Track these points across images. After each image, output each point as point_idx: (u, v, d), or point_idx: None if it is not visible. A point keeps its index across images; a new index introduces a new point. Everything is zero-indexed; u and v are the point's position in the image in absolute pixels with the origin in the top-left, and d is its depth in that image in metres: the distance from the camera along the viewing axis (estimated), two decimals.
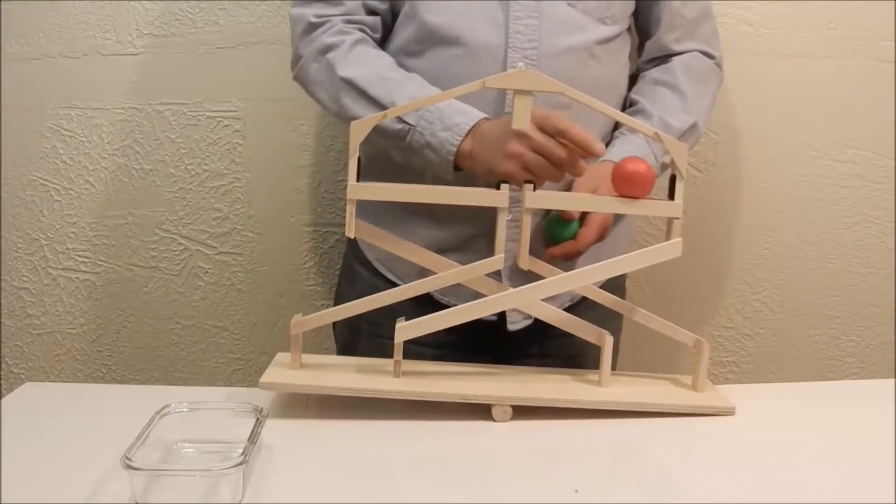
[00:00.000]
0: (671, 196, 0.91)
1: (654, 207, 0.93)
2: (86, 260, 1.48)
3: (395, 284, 1.12)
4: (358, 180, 0.89)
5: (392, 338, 0.92)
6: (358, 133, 0.88)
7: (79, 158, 1.45)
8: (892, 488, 0.74)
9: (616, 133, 1.14)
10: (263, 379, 0.89)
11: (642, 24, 1.20)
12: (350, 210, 0.90)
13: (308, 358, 0.96)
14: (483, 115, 1.00)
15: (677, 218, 0.91)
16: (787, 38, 1.38)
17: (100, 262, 1.48)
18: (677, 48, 1.16)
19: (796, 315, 1.47)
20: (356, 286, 1.20)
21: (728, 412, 0.92)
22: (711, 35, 1.19)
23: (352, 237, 0.91)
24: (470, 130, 0.98)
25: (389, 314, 0.96)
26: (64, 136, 1.44)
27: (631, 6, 1.14)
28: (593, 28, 1.08)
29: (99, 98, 1.43)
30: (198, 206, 1.45)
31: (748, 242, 1.45)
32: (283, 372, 0.93)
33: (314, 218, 1.46)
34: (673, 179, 0.91)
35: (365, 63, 1.06)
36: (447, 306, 1.06)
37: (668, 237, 0.92)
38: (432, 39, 1.07)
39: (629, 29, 1.17)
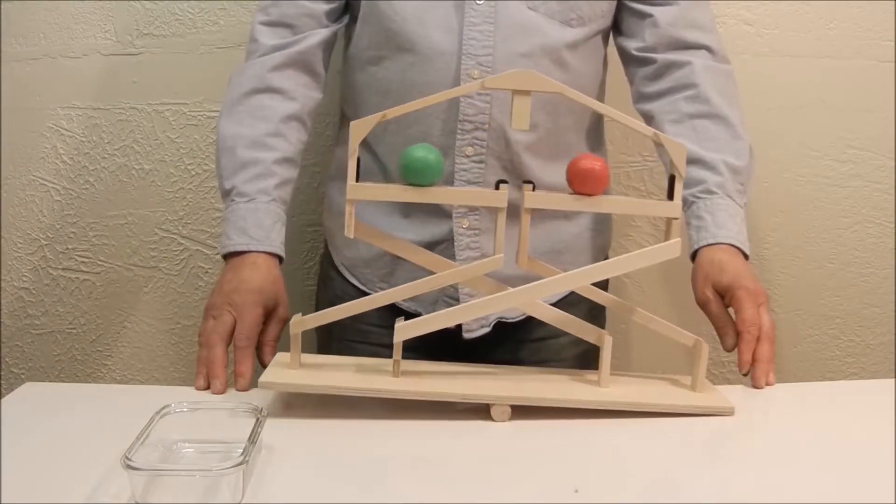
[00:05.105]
0: (670, 196, 0.91)
1: (652, 208, 0.93)
2: (86, 260, 1.48)
3: (360, 289, 1.14)
4: (357, 181, 0.89)
5: (360, 341, 0.93)
6: (358, 133, 0.88)
7: (79, 158, 1.45)
8: (892, 488, 0.74)
9: (692, 198, 1.05)
10: (263, 378, 0.89)
11: (620, 21, 1.13)
12: (349, 210, 0.90)
13: (308, 358, 0.96)
14: (256, 248, 1.03)
15: (676, 218, 0.91)
16: (787, 38, 1.38)
17: (100, 262, 1.48)
18: (690, 36, 1.09)
19: (796, 315, 1.47)
20: (329, 290, 1.20)
21: (727, 412, 0.92)
22: (713, 24, 1.13)
23: (351, 237, 0.91)
24: (231, 254, 1.03)
25: (359, 318, 0.96)
26: (64, 136, 1.44)
27: (604, 5, 1.08)
28: (557, 31, 1.04)
29: (99, 98, 1.43)
30: (198, 206, 1.45)
31: (748, 242, 1.45)
32: (283, 371, 0.93)
33: (314, 218, 1.46)
34: (672, 179, 0.90)
35: (241, 123, 1.07)
36: (409, 312, 1.07)
37: (666, 237, 0.92)
38: (389, 46, 1.05)
39: (605, 31, 1.12)
